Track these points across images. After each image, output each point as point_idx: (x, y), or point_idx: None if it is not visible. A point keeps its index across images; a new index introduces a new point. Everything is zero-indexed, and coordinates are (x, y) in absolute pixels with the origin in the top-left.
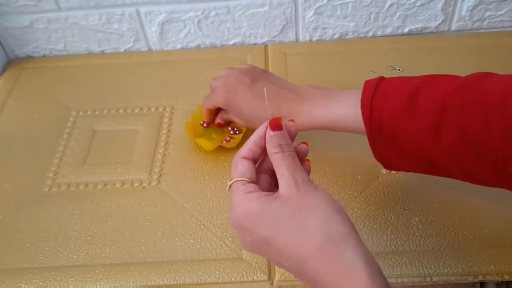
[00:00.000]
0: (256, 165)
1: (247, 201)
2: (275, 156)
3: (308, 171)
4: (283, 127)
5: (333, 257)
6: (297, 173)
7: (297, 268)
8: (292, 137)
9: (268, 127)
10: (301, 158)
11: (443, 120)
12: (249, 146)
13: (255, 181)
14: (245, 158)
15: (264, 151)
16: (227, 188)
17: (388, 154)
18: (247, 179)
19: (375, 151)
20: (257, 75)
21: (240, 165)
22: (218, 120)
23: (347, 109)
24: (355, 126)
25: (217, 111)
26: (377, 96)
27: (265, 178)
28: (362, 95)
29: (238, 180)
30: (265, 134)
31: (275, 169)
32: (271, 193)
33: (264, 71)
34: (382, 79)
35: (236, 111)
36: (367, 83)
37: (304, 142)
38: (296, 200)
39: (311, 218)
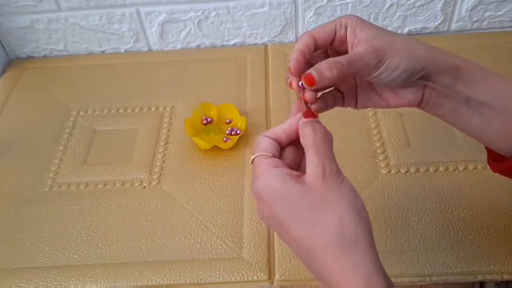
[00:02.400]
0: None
1: (270, 175)
2: (307, 138)
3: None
4: (317, 115)
5: (340, 258)
6: (326, 162)
7: (305, 257)
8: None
9: (302, 117)
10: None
11: None
12: (275, 131)
13: (278, 157)
14: (268, 137)
15: (289, 141)
16: (250, 162)
17: None
18: (269, 154)
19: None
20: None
21: (263, 142)
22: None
23: None
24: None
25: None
26: None
27: (288, 154)
28: None
29: (261, 154)
30: (295, 125)
31: (305, 152)
32: (296, 172)
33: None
34: None
35: (372, 30)
36: None
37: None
38: (319, 192)
39: (329, 214)
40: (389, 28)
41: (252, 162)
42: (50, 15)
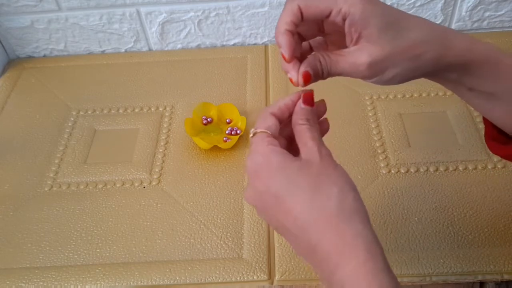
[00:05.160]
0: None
1: (270, 151)
2: (300, 127)
3: (326, 130)
4: (315, 104)
5: (341, 227)
6: (322, 146)
7: (299, 232)
8: (320, 116)
9: (301, 98)
10: (319, 115)
11: None
12: (280, 105)
13: (277, 139)
14: (273, 115)
15: (290, 116)
16: (250, 135)
17: None
18: (271, 133)
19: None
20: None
21: (268, 119)
22: (309, 66)
23: None
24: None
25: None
26: None
27: (282, 141)
28: None
29: (264, 132)
30: (297, 101)
31: (297, 139)
32: (292, 155)
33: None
34: None
35: (377, 15)
36: None
37: (323, 100)
38: (318, 167)
39: (329, 187)
40: None
41: (253, 135)
42: (50, 15)
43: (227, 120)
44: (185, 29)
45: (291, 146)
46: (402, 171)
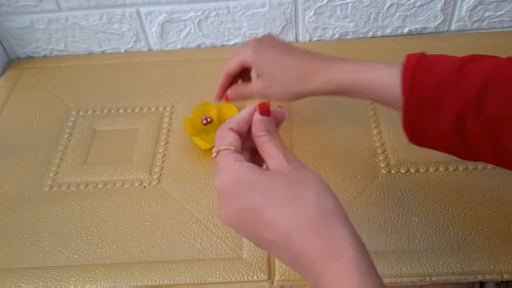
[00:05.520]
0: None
1: (239, 167)
2: (261, 139)
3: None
4: (271, 113)
5: (324, 230)
6: (286, 151)
7: (282, 242)
8: (279, 124)
9: (257, 109)
10: (277, 123)
11: (487, 92)
12: (237, 120)
13: (241, 154)
14: (232, 130)
15: (249, 128)
16: (213, 155)
17: (421, 123)
18: (234, 149)
19: (407, 119)
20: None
21: (227, 135)
22: (230, 93)
23: (389, 72)
24: (391, 92)
25: (235, 78)
26: (422, 63)
27: (246, 154)
28: (405, 61)
29: (227, 149)
30: (253, 113)
31: (260, 150)
32: (259, 167)
33: None
34: (424, 53)
35: (263, 66)
36: (410, 55)
37: (280, 106)
38: (288, 173)
39: (305, 190)
40: (389, 29)
41: (216, 155)
42: (50, 15)
43: (227, 120)
44: (185, 29)
45: (255, 158)
46: (402, 171)
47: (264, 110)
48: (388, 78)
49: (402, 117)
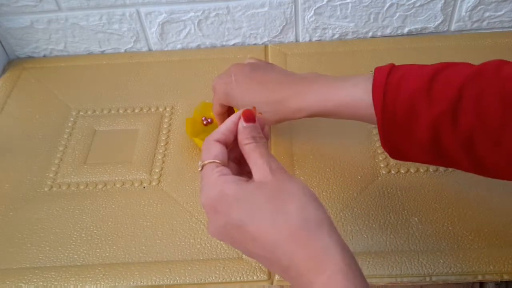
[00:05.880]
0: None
1: (223, 182)
2: (248, 147)
3: (266, 137)
4: (256, 119)
5: (308, 242)
6: (271, 160)
7: (270, 255)
8: (262, 128)
9: (242, 117)
10: (262, 127)
11: (461, 105)
12: (222, 131)
13: (227, 166)
14: (218, 141)
15: (235, 138)
16: (199, 169)
17: (398, 141)
18: (220, 162)
19: (384, 138)
20: (258, 65)
21: (213, 148)
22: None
23: (359, 92)
24: (365, 112)
25: (228, 113)
26: (392, 80)
27: (232, 166)
28: (374, 79)
29: (212, 162)
30: (238, 122)
31: (247, 159)
32: (245, 178)
33: (268, 63)
34: (393, 66)
35: (235, 100)
36: (378, 69)
37: (260, 113)
38: (272, 185)
39: (288, 202)
40: (389, 29)
41: (201, 169)
42: (50, 15)
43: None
44: (185, 30)
45: (241, 167)
46: (402, 171)
47: (249, 117)
48: (360, 99)
49: (379, 135)
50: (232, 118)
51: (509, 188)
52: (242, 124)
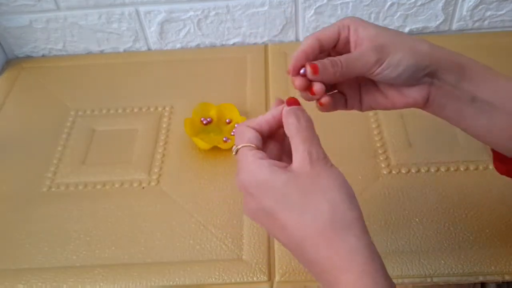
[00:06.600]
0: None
1: (257, 167)
2: (291, 127)
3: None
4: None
5: (334, 242)
6: (313, 148)
7: (296, 246)
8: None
9: (285, 104)
10: None
11: None
12: (258, 121)
13: (261, 150)
14: (251, 127)
15: (271, 133)
16: (233, 153)
17: None
18: (254, 145)
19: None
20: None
21: (247, 132)
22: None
23: None
24: None
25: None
26: None
27: (271, 148)
28: None
29: (246, 146)
30: (278, 116)
31: (290, 140)
32: (282, 163)
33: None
34: None
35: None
36: None
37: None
38: (308, 177)
39: (320, 200)
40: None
41: (236, 153)
42: (48, 15)
43: (227, 120)
44: (184, 29)
45: (283, 151)
46: (403, 171)
47: (293, 102)
48: None
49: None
50: (272, 111)
51: (510, 188)
52: (286, 109)
